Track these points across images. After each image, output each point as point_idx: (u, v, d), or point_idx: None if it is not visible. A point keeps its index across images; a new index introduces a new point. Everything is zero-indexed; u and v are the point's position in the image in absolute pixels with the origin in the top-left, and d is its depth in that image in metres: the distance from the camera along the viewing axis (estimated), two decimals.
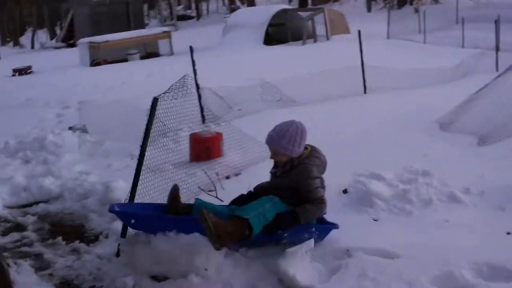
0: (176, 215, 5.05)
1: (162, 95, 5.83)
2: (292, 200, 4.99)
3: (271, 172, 5.33)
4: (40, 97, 14.67)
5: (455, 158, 7.34)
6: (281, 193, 4.98)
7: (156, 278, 4.96)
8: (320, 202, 5.01)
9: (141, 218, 5.03)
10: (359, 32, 12.16)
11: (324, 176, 6.83)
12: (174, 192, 5.15)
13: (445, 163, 7.07)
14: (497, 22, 13.89)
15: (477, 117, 8.34)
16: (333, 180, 6.64)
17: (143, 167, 5.60)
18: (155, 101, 5.56)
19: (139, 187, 5.56)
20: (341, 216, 5.80)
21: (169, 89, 6.18)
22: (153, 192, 5.93)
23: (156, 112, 5.60)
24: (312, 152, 5.20)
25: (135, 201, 5.50)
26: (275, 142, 5.04)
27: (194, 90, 6.75)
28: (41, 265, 5.59)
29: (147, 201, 5.64)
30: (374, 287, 4.25)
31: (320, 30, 25.14)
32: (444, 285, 4.25)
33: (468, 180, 6.36)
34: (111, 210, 5.05)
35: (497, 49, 13.62)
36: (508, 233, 5.18)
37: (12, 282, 4.68)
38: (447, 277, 4.34)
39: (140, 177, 5.56)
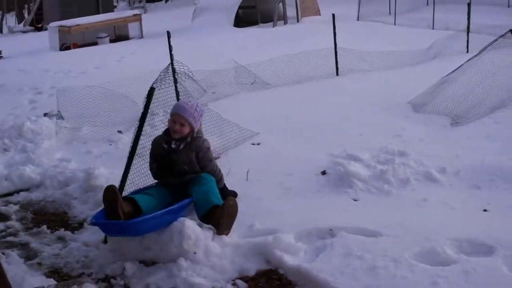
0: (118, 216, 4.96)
1: (157, 83, 5.85)
2: (194, 171, 5.48)
3: (166, 149, 5.51)
4: (12, 83, 14.21)
5: (429, 138, 7.50)
6: (188, 166, 5.44)
7: (145, 262, 5.00)
8: (219, 170, 5.72)
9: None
10: (333, 15, 12.12)
11: (302, 157, 7.04)
12: (114, 194, 5.03)
13: (420, 143, 7.26)
14: (469, 4, 13.90)
15: (450, 98, 8.49)
16: (311, 162, 6.85)
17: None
18: (151, 90, 5.49)
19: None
20: (320, 197, 5.99)
21: (158, 78, 6.19)
22: (138, 178, 5.89)
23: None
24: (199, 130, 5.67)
25: (126, 186, 5.51)
26: (189, 113, 5.41)
27: (178, 76, 6.76)
28: (28, 254, 5.51)
29: (135, 186, 5.70)
30: (361, 265, 4.38)
31: (290, 12, 25.06)
32: (427, 261, 4.41)
33: (443, 160, 6.58)
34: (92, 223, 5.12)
35: (468, 30, 13.68)
36: (485, 210, 5.41)
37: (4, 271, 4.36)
38: (430, 253, 4.52)
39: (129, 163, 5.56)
